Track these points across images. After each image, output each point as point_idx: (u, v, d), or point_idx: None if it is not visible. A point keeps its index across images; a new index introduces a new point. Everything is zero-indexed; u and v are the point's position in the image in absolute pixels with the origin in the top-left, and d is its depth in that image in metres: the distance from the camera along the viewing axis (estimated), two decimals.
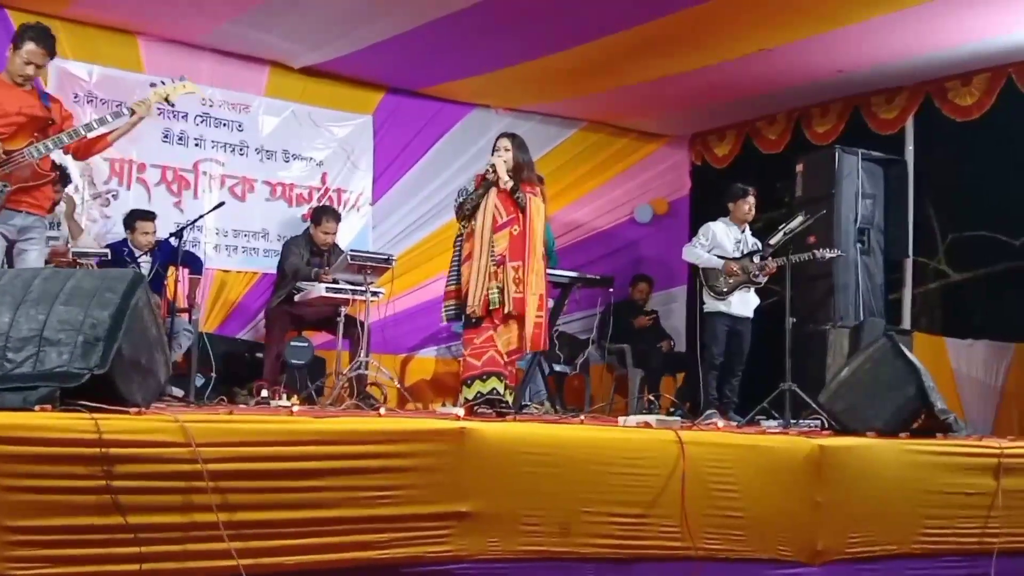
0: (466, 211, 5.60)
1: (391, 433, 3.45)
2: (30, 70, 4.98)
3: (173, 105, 6.93)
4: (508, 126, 8.97)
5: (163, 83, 5.43)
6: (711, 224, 7.32)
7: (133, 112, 5.19)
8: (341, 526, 3.27)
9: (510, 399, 5.50)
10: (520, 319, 5.42)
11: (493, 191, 5.55)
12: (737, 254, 7.15)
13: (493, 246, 5.46)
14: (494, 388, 5.37)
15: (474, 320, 5.48)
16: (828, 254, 6.86)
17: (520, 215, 5.51)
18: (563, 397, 7.65)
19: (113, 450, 2.87)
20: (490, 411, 5.25)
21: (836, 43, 7.09)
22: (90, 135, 5.15)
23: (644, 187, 9.72)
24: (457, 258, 5.68)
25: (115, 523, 2.87)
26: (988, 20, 6.58)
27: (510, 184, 5.53)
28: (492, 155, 5.67)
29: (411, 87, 8.48)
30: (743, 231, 7.28)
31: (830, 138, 8.41)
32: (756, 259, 7.04)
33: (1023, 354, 8.44)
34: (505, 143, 5.67)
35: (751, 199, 7.25)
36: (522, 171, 5.61)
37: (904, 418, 4.97)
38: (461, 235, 5.68)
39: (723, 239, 7.20)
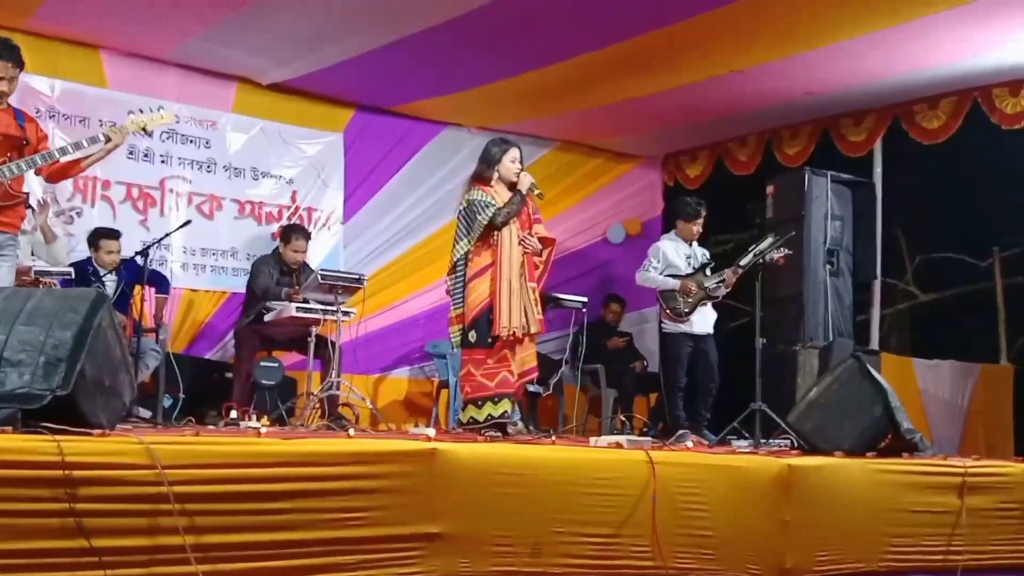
0: (499, 224, 5.32)
1: (360, 454, 3.43)
2: (3, 86, 4.92)
3: (150, 134, 6.89)
4: (480, 145, 8.90)
5: (140, 111, 5.39)
6: (659, 244, 7.33)
7: (108, 139, 5.14)
8: (310, 548, 3.25)
9: (518, 417, 5.43)
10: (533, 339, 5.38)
11: None
12: (689, 269, 7.17)
13: (520, 264, 5.32)
14: (505, 411, 5.26)
15: (490, 340, 5.26)
16: (776, 255, 6.85)
17: (530, 231, 5.42)
18: (536, 417, 7.64)
19: (76, 472, 2.83)
20: (498, 434, 5.12)
21: (805, 65, 7.16)
22: (64, 159, 5.10)
23: (617, 207, 9.76)
24: (462, 279, 5.41)
25: (79, 546, 2.83)
26: (954, 45, 6.67)
27: (543, 197, 5.44)
28: (510, 164, 5.47)
29: (382, 105, 8.47)
30: (691, 245, 7.29)
31: (800, 160, 8.48)
32: (708, 272, 7.06)
33: (988, 374, 8.56)
34: (520, 155, 5.54)
35: (701, 221, 7.25)
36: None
37: (871, 438, 5.01)
38: (465, 256, 5.41)
39: (674, 257, 7.19)
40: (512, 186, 5.40)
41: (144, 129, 5.45)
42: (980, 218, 9.75)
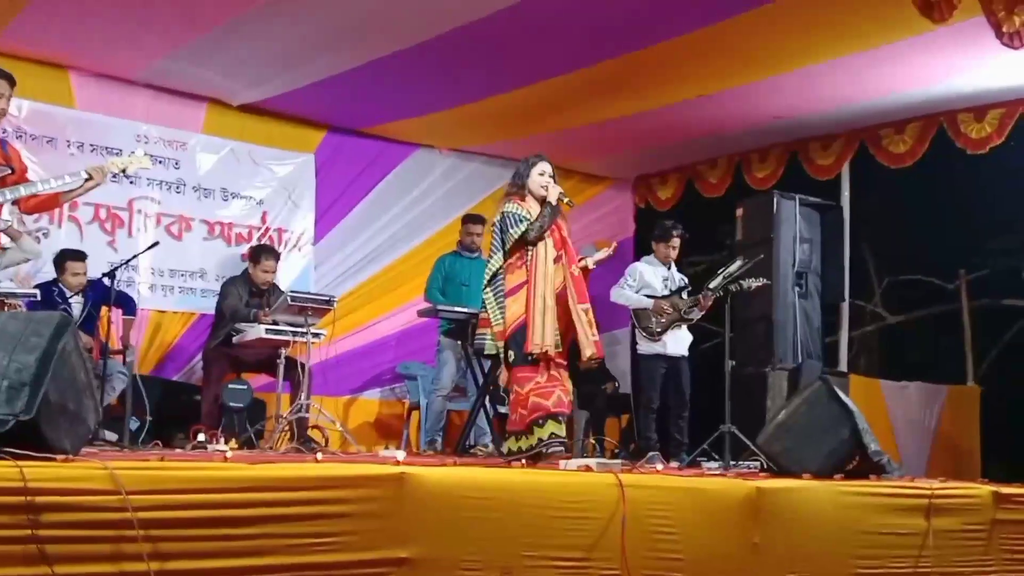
0: (531, 239, 5.08)
1: (328, 479, 3.40)
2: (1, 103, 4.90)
3: (128, 176, 6.84)
4: (452, 167, 9.02)
5: (120, 152, 5.38)
6: (636, 264, 7.37)
7: (90, 177, 5.11)
8: (277, 574, 3.21)
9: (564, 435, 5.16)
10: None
11: None
12: (666, 291, 7.20)
13: (554, 281, 5.11)
14: (552, 432, 4.99)
15: (529, 357, 5.01)
16: (754, 283, 6.92)
17: (566, 250, 5.21)
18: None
19: (39, 498, 2.78)
20: (559, 450, 4.96)
21: (774, 90, 7.24)
22: (43, 192, 5.06)
23: (589, 228, 9.77)
24: (502, 292, 5.16)
25: (42, 573, 2.78)
26: (920, 70, 6.76)
27: (572, 205, 5.26)
28: (537, 177, 5.22)
29: (354, 126, 8.47)
30: (669, 268, 7.32)
31: (769, 183, 8.55)
32: (685, 295, 7.09)
33: (956, 396, 8.64)
34: (550, 169, 5.26)
35: (676, 241, 7.28)
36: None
37: (839, 460, 5.05)
38: (499, 269, 5.20)
39: (651, 278, 7.22)
40: (543, 201, 5.21)
41: (124, 171, 5.44)
42: (947, 241, 9.88)
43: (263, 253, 7.26)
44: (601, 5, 5.90)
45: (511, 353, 5.09)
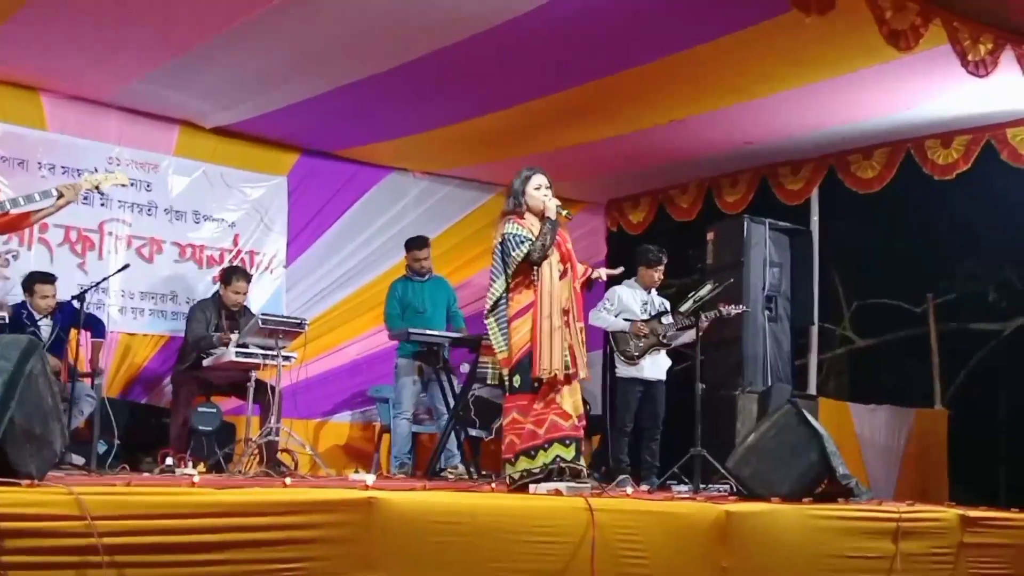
0: (536, 260, 4.90)
1: (296, 504, 3.39)
2: None
3: (103, 194, 6.81)
4: (426, 190, 9.03)
5: (95, 170, 5.36)
6: (616, 288, 7.38)
7: (61, 195, 5.09)
8: None
9: (584, 463, 4.97)
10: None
11: None
12: (645, 316, 7.23)
13: (560, 298, 4.90)
14: (557, 456, 4.79)
15: (536, 384, 4.83)
16: (734, 310, 6.98)
17: (572, 263, 5.04)
18: (479, 462, 7.61)
19: (3, 524, 2.76)
20: (566, 481, 4.71)
21: (744, 116, 7.30)
22: (13, 211, 5.03)
23: None
24: (505, 318, 4.93)
25: None
26: (888, 97, 6.84)
27: (570, 217, 5.10)
28: (534, 192, 5.09)
29: (327, 149, 8.47)
30: (650, 292, 7.36)
31: (740, 207, 8.60)
32: (665, 320, 7.13)
33: (924, 419, 8.71)
34: (547, 181, 5.11)
35: (662, 268, 7.33)
36: None
37: (808, 483, 5.08)
38: (503, 294, 4.96)
39: (630, 302, 7.25)
40: (543, 216, 5.02)
41: (97, 188, 5.41)
42: (914, 265, 10.00)
43: (234, 275, 7.24)
44: (573, 31, 5.94)
45: (517, 378, 4.88)
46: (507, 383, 4.95)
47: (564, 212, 5.06)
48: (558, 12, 5.64)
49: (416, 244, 7.74)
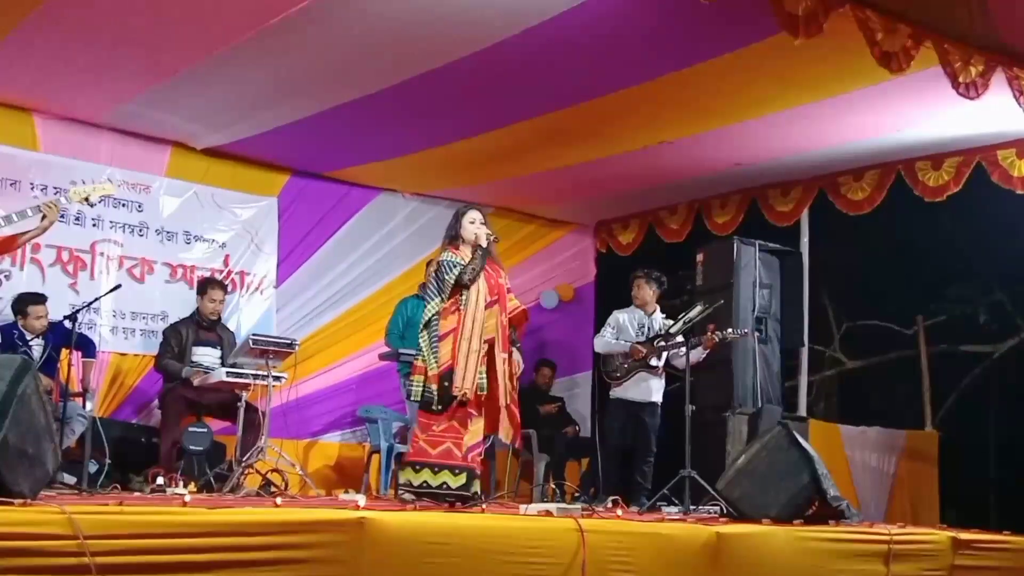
0: (466, 282, 5.34)
1: (287, 524, 3.39)
2: None
3: (93, 205, 6.80)
4: (415, 210, 9.05)
5: (83, 182, 5.36)
6: (616, 312, 7.45)
7: (44, 215, 5.08)
8: None
9: (478, 488, 5.29)
10: (496, 409, 5.36)
11: None
12: (641, 337, 7.26)
13: (484, 325, 5.33)
14: (444, 482, 5.17)
15: (441, 408, 5.25)
16: (731, 335, 7.03)
17: (500, 296, 5.43)
18: None
19: None
20: (430, 503, 5.03)
21: (734, 137, 7.34)
22: (7, 229, 5.03)
23: (550, 273, 9.84)
24: (436, 336, 5.36)
25: None
26: (878, 119, 6.88)
27: (497, 240, 5.54)
28: (468, 225, 5.53)
29: (317, 170, 8.49)
30: (649, 315, 7.39)
31: (729, 229, 8.64)
32: (657, 343, 7.14)
33: (914, 441, 8.72)
34: (480, 216, 5.60)
35: (645, 286, 7.37)
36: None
37: (798, 505, 5.08)
38: (436, 315, 5.40)
39: (626, 324, 7.31)
40: (476, 246, 5.51)
41: (87, 199, 5.41)
42: (904, 287, 10.03)
43: (209, 285, 7.31)
44: (562, 53, 5.98)
45: (429, 392, 5.29)
46: (422, 396, 5.34)
47: (493, 238, 5.55)
48: (547, 34, 5.66)
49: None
